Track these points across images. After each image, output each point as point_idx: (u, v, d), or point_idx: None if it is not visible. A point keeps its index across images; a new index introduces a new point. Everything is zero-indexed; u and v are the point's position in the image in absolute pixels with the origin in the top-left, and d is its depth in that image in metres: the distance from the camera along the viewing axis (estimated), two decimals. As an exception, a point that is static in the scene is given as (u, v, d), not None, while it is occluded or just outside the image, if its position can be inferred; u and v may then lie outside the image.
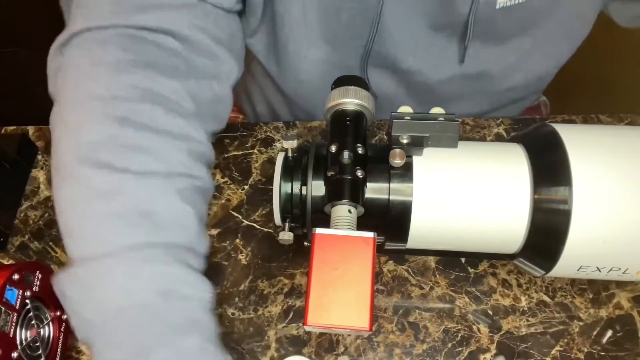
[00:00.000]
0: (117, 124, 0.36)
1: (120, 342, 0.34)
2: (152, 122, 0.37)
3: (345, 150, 0.41)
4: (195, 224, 0.38)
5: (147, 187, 0.36)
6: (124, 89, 0.37)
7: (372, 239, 0.37)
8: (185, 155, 0.38)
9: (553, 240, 0.40)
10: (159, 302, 0.34)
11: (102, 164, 0.35)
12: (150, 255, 0.35)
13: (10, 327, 0.41)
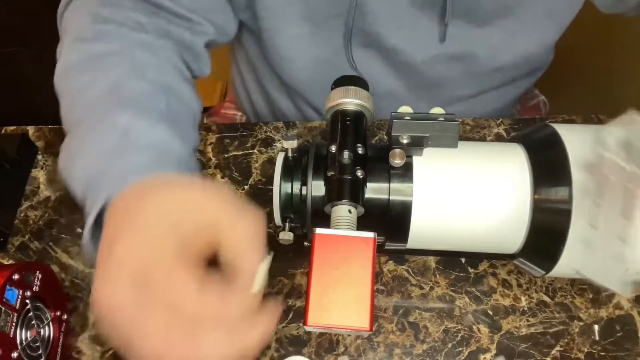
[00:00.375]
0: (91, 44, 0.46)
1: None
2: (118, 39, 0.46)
3: (345, 150, 0.41)
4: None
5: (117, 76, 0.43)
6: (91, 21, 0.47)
7: (372, 239, 0.36)
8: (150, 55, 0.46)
9: (553, 240, 0.40)
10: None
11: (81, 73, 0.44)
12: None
13: (10, 327, 0.41)
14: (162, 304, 0.29)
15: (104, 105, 0.41)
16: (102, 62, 0.45)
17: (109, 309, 0.29)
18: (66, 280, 0.52)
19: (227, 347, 0.29)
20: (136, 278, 0.29)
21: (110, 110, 0.41)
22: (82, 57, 0.45)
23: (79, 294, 0.52)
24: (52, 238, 0.55)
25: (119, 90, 0.42)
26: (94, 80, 0.43)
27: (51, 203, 0.57)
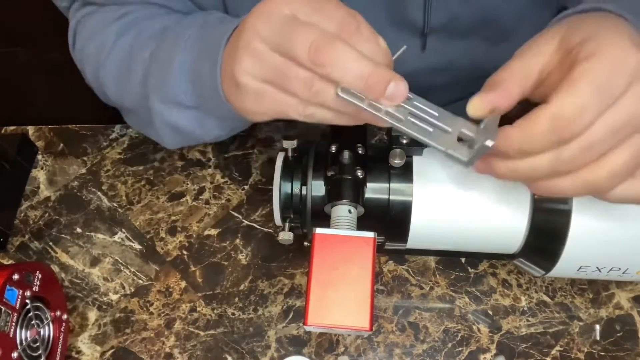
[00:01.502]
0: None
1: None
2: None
3: (345, 150, 0.41)
4: None
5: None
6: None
7: (372, 239, 0.36)
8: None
9: (553, 240, 0.40)
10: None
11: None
12: None
13: (10, 327, 0.41)
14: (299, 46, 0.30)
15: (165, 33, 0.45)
16: (139, 21, 0.48)
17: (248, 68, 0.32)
18: (66, 280, 0.52)
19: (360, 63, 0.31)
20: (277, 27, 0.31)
21: (174, 30, 0.44)
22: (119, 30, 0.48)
23: (79, 294, 0.52)
24: (52, 238, 0.55)
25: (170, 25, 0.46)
26: (139, 33, 0.47)
27: (51, 203, 0.57)
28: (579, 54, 0.30)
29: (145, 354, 0.49)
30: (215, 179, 0.57)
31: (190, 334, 0.49)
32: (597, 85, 0.28)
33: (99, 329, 0.50)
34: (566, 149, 0.29)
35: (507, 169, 0.32)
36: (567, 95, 0.29)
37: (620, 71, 0.28)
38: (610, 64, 0.28)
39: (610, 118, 0.28)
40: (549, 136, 0.29)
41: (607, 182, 0.30)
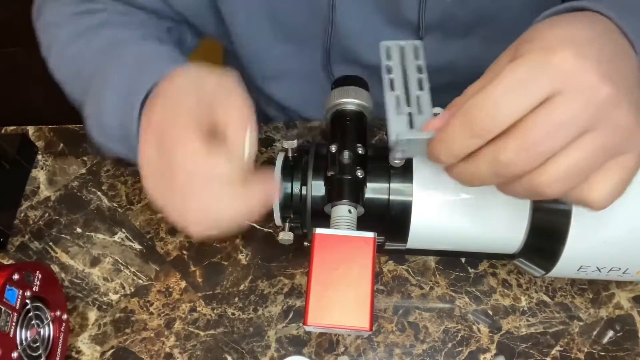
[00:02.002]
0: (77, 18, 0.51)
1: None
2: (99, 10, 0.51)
3: (345, 150, 0.41)
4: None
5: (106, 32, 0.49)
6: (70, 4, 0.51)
7: (372, 239, 0.36)
8: (129, 19, 0.51)
9: (553, 240, 0.40)
10: None
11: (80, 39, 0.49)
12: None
13: (10, 327, 0.41)
14: (170, 158, 0.33)
15: (108, 52, 0.46)
16: (91, 30, 0.49)
17: (145, 167, 0.35)
18: (66, 280, 0.52)
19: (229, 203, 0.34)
20: (156, 134, 0.35)
21: (117, 51, 0.45)
22: (73, 32, 0.49)
23: (79, 294, 0.52)
24: (52, 238, 0.55)
25: (115, 41, 0.47)
26: (89, 42, 0.48)
27: (51, 203, 0.57)
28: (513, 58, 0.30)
29: (145, 354, 0.49)
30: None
31: (190, 334, 0.49)
32: (510, 83, 0.28)
33: (99, 329, 0.50)
34: (502, 152, 0.28)
35: (455, 172, 0.32)
36: (481, 91, 0.28)
37: (540, 72, 0.27)
38: (531, 64, 0.28)
39: (544, 118, 0.27)
40: (461, 131, 0.29)
41: (550, 188, 0.29)
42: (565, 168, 0.28)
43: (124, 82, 0.42)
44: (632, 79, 0.30)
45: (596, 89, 0.27)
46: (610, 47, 0.30)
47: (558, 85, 0.27)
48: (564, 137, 0.27)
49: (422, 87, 0.34)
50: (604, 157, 0.29)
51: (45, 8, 0.54)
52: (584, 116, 0.27)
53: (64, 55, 0.49)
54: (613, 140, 0.28)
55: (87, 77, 0.46)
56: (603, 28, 0.31)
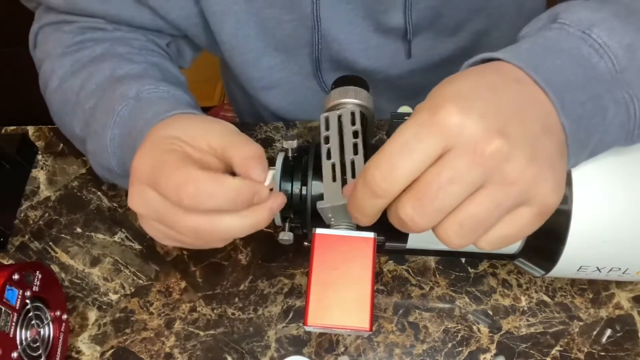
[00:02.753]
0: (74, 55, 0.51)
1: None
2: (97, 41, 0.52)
3: (346, 150, 0.40)
4: (157, 73, 0.50)
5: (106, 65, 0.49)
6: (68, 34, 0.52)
7: (372, 239, 0.36)
8: (129, 48, 0.52)
9: (553, 240, 0.40)
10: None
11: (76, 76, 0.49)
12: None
13: (10, 327, 0.41)
14: (170, 189, 0.33)
15: (108, 89, 0.46)
16: (92, 63, 0.50)
17: (140, 209, 0.35)
18: (66, 280, 0.53)
19: (236, 223, 0.34)
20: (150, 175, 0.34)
21: (116, 89, 0.45)
22: (73, 65, 0.51)
23: (79, 294, 0.52)
24: (52, 238, 0.55)
25: (114, 76, 0.48)
26: (90, 76, 0.48)
27: (51, 203, 0.57)
28: None
29: (145, 354, 0.49)
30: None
31: (190, 334, 0.49)
32: (401, 144, 0.28)
33: (99, 329, 0.50)
34: (401, 209, 0.28)
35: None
36: (378, 153, 0.29)
37: (426, 131, 0.27)
38: (418, 123, 0.28)
39: (434, 176, 0.27)
40: (365, 194, 0.29)
41: (451, 241, 0.29)
42: (462, 221, 0.28)
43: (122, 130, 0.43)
44: (534, 128, 0.29)
45: (483, 142, 0.27)
46: (508, 96, 0.29)
47: (445, 142, 0.27)
48: (456, 193, 0.27)
49: (357, 151, 0.36)
50: (503, 209, 0.28)
51: (44, 36, 0.54)
52: (472, 172, 0.27)
53: (64, 87, 0.50)
54: (511, 191, 0.28)
55: (88, 112, 0.47)
56: (505, 77, 0.30)
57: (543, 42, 0.33)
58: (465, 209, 0.28)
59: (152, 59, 0.52)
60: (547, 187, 0.28)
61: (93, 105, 0.46)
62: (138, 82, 0.46)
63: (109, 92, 0.46)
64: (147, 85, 0.45)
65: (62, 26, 0.53)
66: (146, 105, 0.43)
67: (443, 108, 0.27)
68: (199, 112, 0.44)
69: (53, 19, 0.53)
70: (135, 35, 0.54)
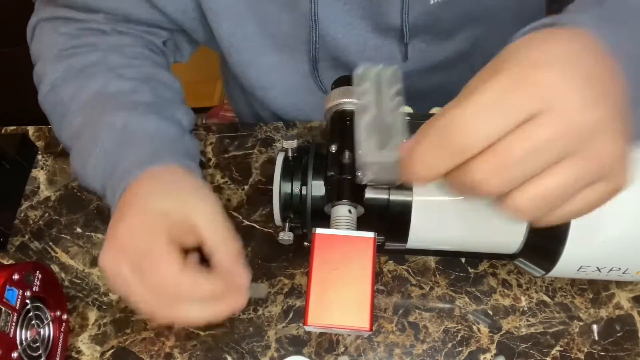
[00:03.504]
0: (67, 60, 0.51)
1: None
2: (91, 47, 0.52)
3: (346, 150, 0.40)
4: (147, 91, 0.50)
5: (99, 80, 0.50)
6: (63, 37, 0.52)
7: (372, 239, 0.36)
8: (121, 57, 0.52)
9: (553, 240, 0.40)
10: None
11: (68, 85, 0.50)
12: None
13: (10, 327, 0.41)
14: (151, 281, 0.37)
15: (97, 109, 0.47)
16: (84, 73, 0.50)
17: (112, 275, 0.38)
18: (66, 280, 0.52)
19: (200, 314, 0.38)
20: (134, 259, 0.37)
21: (105, 112, 0.46)
22: (65, 72, 0.50)
23: (79, 294, 0.52)
24: (52, 238, 0.55)
25: (105, 93, 0.48)
26: (80, 88, 0.49)
27: (51, 203, 0.57)
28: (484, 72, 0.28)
29: (145, 354, 0.49)
30: (215, 179, 0.57)
31: (190, 334, 0.49)
32: (489, 100, 0.26)
33: (99, 329, 0.50)
34: (476, 172, 0.27)
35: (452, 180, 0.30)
36: (458, 108, 0.27)
37: (522, 89, 0.26)
38: (512, 81, 0.26)
39: (522, 141, 0.26)
40: (437, 151, 0.27)
41: (524, 212, 0.28)
42: (540, 193, 0.27)
43: (106, 162, 0.45)
44: (618, 103, 0.28)
45: (581, 113, 0.25)
46: (597, 68, 0.28)
47: (540, 105, 0.25)
48: (542, 161, 0.26)
49: (396, 110, 0.34)
50: (581, 184, 0.27)
51: (40, 32, 0.54)
52: (565, 141, 0.26)
53: (55, 93, 0.50)
54: (593, 168, 0.27)
55: (75, 128, 0.48)
56: (586, 46, 0.29)
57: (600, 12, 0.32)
58: (546, 180, 0.26)
59: (145, 70, 0.52)
60: (625, 166, 0.28)
61: (79, 124, 0.47)
62: (127, 110, 0.46)
63: (97, 115, 0.47)
64: (135, 117, 0.46)
65: (59, 26, 0.53)
66: (130, 143, 0.45)
67: (544, 69, 0.26)
68: (181, 145, 0.47)
69: (51, 14, 0.53)
70: (131, 40, 0.54)
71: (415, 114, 0.41)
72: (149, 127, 0.46)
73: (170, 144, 0.46)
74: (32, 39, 0.55)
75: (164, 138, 0.46)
